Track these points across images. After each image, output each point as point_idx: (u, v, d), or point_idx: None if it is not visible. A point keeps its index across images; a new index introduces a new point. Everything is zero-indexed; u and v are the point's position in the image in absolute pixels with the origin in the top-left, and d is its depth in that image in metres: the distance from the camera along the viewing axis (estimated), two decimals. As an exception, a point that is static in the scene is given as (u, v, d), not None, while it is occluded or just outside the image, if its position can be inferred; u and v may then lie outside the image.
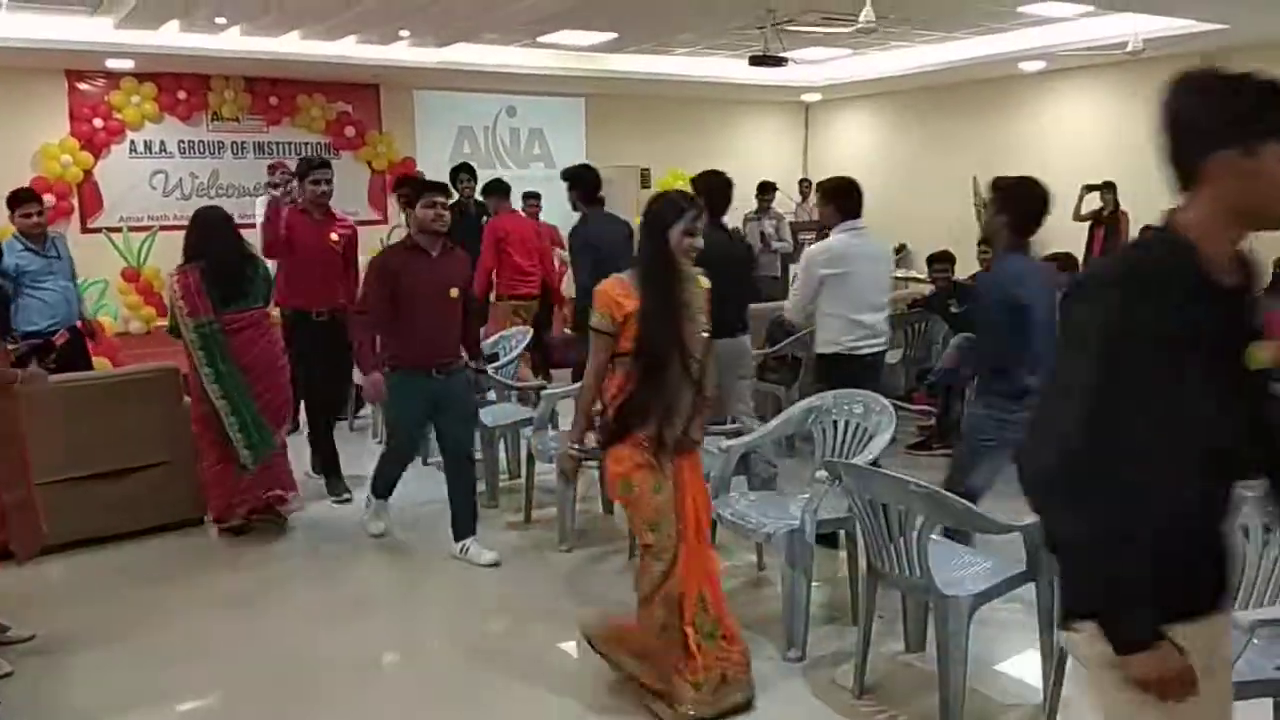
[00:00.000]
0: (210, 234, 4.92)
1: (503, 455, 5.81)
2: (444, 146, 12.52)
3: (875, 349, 4.70)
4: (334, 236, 5.54)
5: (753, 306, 5.67)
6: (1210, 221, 1.68)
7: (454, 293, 4.56)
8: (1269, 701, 2.58)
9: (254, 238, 5.54)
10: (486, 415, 5.56)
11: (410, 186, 5.87)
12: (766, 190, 10.33)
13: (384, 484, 4.99)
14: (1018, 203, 3.86)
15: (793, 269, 10.32)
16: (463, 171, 8.11)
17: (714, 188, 4.76)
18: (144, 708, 3.51)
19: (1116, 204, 9.92)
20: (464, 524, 4.73)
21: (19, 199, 5.71)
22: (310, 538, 5.11)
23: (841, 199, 4.68)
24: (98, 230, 10.47)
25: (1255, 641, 2.49)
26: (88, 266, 9.66)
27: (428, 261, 4.52)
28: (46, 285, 5.74)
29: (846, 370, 4.52)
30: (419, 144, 12.42)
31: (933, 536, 3.14)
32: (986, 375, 3.96)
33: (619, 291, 3.20)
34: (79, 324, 5.98)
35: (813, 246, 4.92)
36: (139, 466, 4.97)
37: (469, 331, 4.86)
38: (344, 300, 5.50)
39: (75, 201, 10.40)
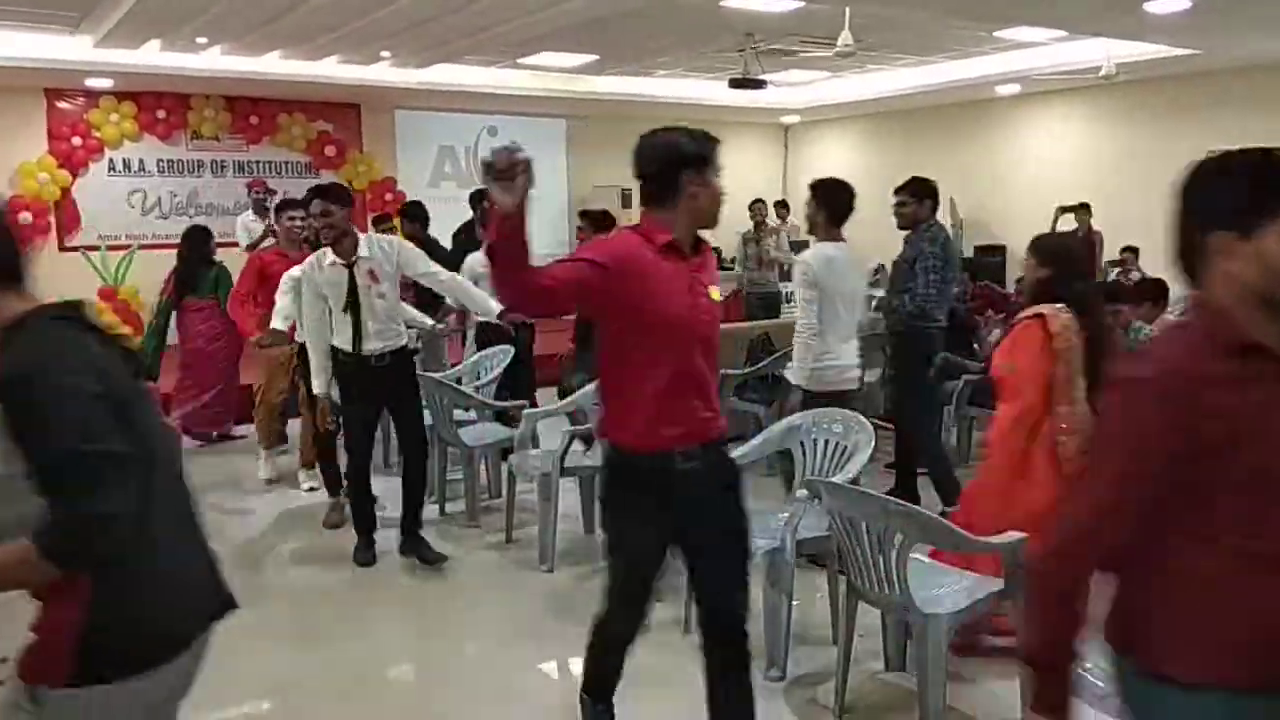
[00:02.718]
0: (185, 244, 7.10)
1: (483, 474, 5.80)
2: (425, 166, 12.56)
3: None
4: (715, 293, 2.77)
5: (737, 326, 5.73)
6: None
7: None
8: None
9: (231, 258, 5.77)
10: (466, 435, 5.56)
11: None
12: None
13: None
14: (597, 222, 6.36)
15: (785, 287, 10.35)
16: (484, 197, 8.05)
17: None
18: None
19: (1091, 225, 10.05)
20: None
21: None
22: (289, 557, 5.08)
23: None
24: (75, 249, 10.42)
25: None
26: (64, 285, 9.53)
27: None
28: None
29: None
30: (400, 164, 12.46)
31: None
32: None
33: None
34: None
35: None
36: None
37: None
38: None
39: (52, 220, 10.35)
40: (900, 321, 5.42)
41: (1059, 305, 3.54)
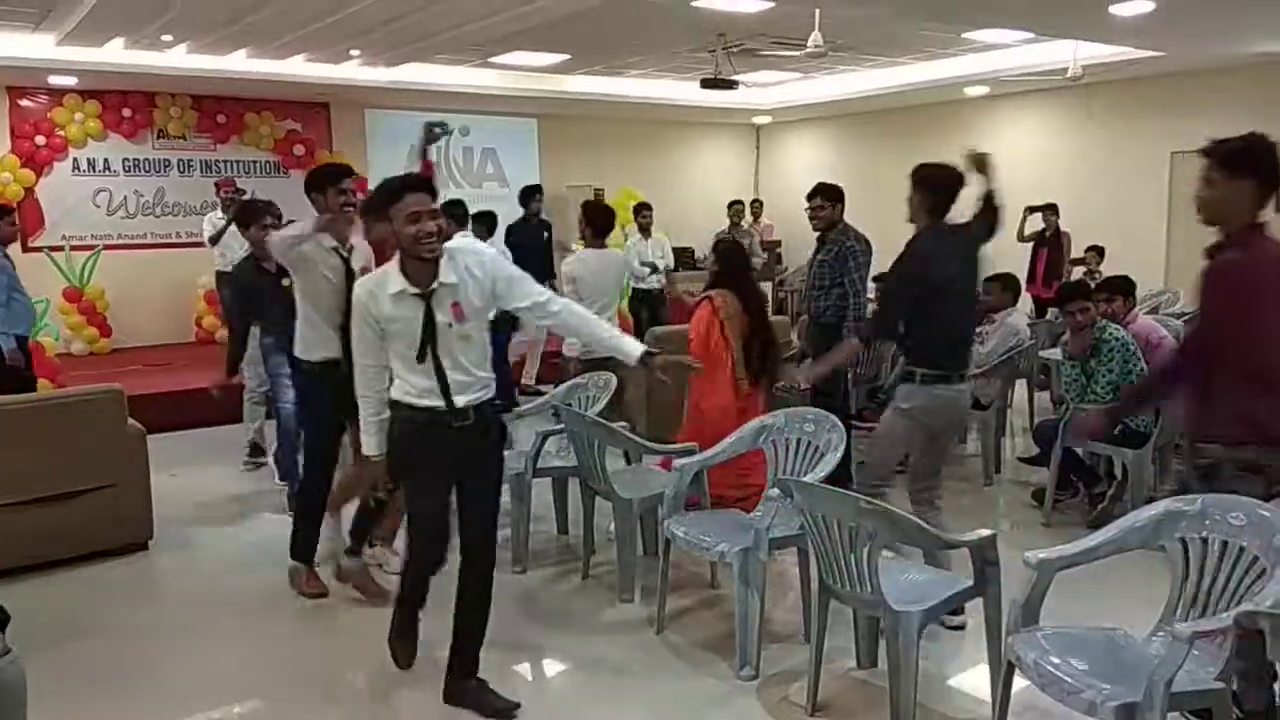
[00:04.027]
0: None
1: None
2: (395, 165, 12.43)
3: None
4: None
5: None
6: None
7: None
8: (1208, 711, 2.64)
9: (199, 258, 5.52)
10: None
11: None
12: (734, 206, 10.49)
13: None
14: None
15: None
16: (536, 192, 9.18)
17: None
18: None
19: (1058, 225, 10.14)
20: None
21: (4, 211, 6.55)
22: (260, 566, 5.03)
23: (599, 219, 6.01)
24: (39, 249, 10.27)
25: (1195, 653, 2.55)
26: (28, 287, 9.41)
27: None
28: (19, 290, 6.38)
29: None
30: (370, 163, 12.34)
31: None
32: None
33: None
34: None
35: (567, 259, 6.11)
36: (85, 489, 4.87)
37: None
38: None
39: (15, 220, 10.19)
40: (833, 315, 5.75)
41: (723, 290, 5.14)
